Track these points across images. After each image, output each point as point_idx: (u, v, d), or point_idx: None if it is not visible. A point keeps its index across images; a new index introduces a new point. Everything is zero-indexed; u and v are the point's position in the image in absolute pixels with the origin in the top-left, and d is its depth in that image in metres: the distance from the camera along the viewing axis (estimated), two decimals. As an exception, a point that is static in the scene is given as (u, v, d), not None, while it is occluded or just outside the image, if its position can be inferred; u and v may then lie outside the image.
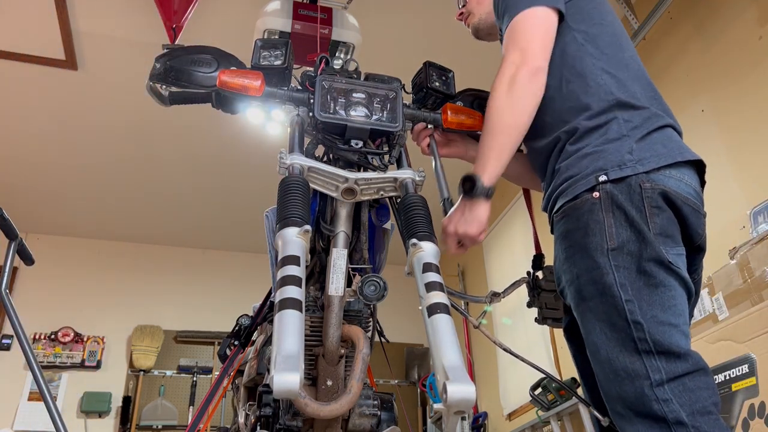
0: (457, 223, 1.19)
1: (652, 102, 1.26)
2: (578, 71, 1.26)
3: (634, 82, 1.26)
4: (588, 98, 1.22)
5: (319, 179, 1.13)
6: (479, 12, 1.53)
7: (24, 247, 2.02)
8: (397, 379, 5.63)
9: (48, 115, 4.10)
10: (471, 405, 0.81)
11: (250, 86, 1.19)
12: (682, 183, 1.16)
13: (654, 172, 1.14)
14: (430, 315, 0.92)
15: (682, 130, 1.30)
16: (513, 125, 1.19)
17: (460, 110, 1.35)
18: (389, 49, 3.58)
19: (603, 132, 1.19)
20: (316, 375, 1.15)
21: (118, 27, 3.45)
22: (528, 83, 1.19)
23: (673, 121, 1.27)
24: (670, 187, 1.14)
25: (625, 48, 1.32)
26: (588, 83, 1.24)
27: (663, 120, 1.23)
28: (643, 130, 1.19)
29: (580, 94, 1.23)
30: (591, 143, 1.19)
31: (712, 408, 1.01)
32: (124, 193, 5.03)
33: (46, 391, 1.74)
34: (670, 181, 1.14)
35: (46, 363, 4.95)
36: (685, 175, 1.18)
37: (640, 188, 1.12)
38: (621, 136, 1.18)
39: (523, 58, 1.21)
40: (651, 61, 3.27)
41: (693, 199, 1.18)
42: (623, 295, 1.07)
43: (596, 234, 1.11)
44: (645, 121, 1.20)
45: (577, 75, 1.25)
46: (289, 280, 0.90)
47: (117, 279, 5.51)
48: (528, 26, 1.24)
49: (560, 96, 1.26)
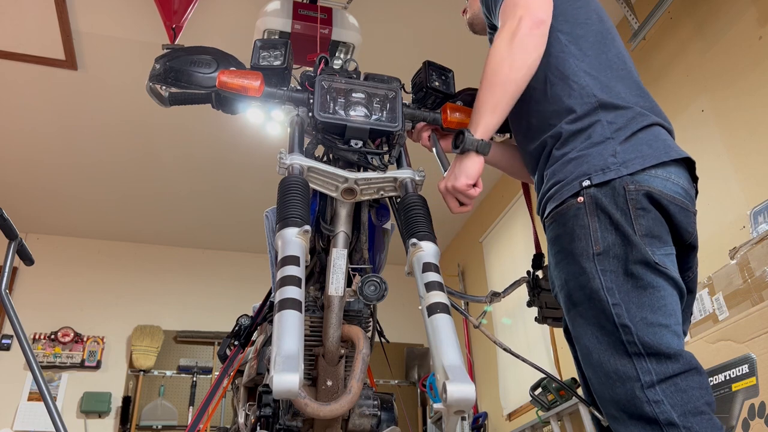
0: (447, 179, 1.21)
1: (638, 100, 1.25)
2: (561, 73, 1.25)
3: (617, 82, 1.25)
4: (571, 101, 1.22)
5: (318, 179, 1.13)
6: (474, 7, 1.54)
7: (24, 247, 2.02)
8: (397, 379, 5.63)
9: (48, 115, 4.10)
10: (471, 405, 0.81)
11: (249, 87, 1.19)
12: (669, 182, 1.15)
13: (639, 173, 1.13)
14: (430, 315, 0.92)
15: (672, 127, 1.29)
16: (511, 79, 1.16)
17: (460, 109, 1.35)
18: (389, 49, 3.58)
19: (587, 136, 1.18)
20: (316, 375, 1.15)
21: (118, 27, 3.45)
22: (529, 34, 1.17)
23: (661, 119, 1.25)
24: (656, 187, 1.13)
25: (609, 48, 1.31)
26: (571, 86, 1.23)
27: (649, 119, 1.21)
28: (627, 131, 1.18)
29: (564, 97, 1.23)
30: (575, 147, 1.18)
31: (704, 408, 1.00)
32: (124, 193, 5.03)
33: (45, 391, 1.74)
34: (655, 181, 1.14)
35: (46, 363, 4.95)
36: (672, 174, 1.17)
37: (624, 190, 1.11)
38: (605, 139, 1.17)
39: (525, 11, 1.18)
40: (651, 61, 3.27)
41: (681, 198, 1.16)
42: (610, 299, 1.07)
43: (582, 239, 1.11)
44: (629, 122, 1.19)
45: (560, 77, 1.24)
46: (288, 280, 0.90)
47: (117, 279, 5.51)
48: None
49: (545, 99, 1.25)
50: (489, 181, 4.98)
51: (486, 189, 5.17)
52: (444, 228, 5.60)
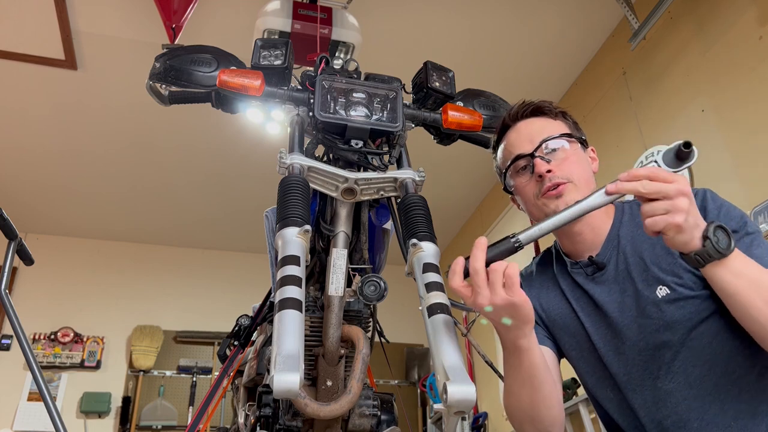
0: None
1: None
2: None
3: None
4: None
5: (318, 179, 1.13)
6: (585, 192, 1.07)
7: (24, 247, 2.02)
8: (397, 380, 5.63)
9: (48, 115, 4.10)
10: (471, 405, 0.81)
11: (249, 86, 1.18)
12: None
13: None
14: (430, 315, 0.92)
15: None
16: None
17: (460, 110, 1.35)
18: (389, 49, 3.58)
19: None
20: (315, 375, 1.15)
21: (118, 27, 3.45)
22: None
23: None
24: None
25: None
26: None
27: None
28: None
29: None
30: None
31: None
32: (124, 194, 5.03)
33: (45, 391, 1.73)
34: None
35: (46, 363, 4.96)
36: None
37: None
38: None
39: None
40: (651, 61, 3.27)
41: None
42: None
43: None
44: None
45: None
46: (289, 280, 0.90)
47: (117, 279, 5.51)
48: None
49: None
50: (489, 181, 4.98)
51: (486, 189, 5.17)
52: (444, 228, 5.60)
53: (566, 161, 1.17)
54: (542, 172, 1.15)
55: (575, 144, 1.21)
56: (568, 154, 1.18)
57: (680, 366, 1.06)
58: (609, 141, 3.56)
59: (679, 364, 1.06)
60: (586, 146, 1.25)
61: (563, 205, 1.11)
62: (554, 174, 1.15)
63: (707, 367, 1.05)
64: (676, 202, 0.87)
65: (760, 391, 1.03)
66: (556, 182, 1.14)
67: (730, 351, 1.04)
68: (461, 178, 4.91)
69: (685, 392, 1.06)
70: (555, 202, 1.14)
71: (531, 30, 3.63)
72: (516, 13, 3.49)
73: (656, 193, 0.88)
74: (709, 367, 1.05)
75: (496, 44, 3.71)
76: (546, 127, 1.21)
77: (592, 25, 3.62)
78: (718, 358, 1.04)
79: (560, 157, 1.18)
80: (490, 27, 3.57)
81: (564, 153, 1.18)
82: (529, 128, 1.22)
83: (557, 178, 1.14)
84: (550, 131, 1.20)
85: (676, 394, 1.06)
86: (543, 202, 1.16)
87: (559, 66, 3.92)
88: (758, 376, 1.04)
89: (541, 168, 1.15)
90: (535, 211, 1.21)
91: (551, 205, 1.14)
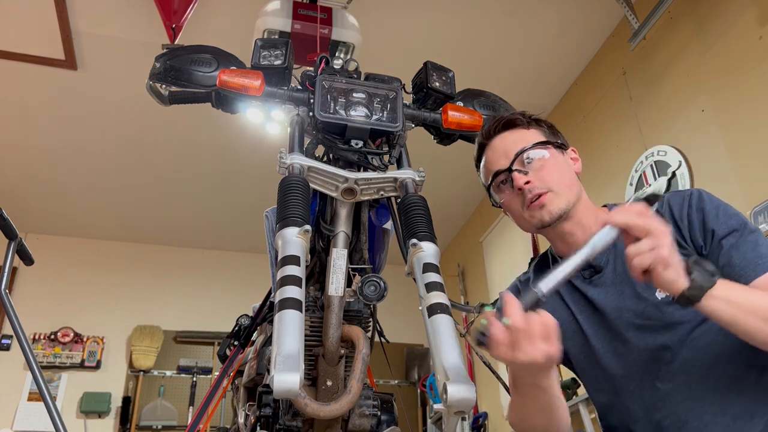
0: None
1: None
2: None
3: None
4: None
5: (318, 179, 1.13)
6: (568, 196, 1.16)
7: (24, 247, 2.02)
8: (397, 380, 5.63)
9: (47, 115, 4.10)
10: (471, 405, 0.81)
11: (250, 86, 1.18)
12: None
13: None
14: (430, 315, 0.92)
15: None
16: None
17: (460, 110, 1.35)
18: (389, 49, 3.58)
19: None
20: (316, 375, 1.15)
21: (118, 27, 3.45)
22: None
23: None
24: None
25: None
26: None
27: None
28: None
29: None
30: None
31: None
32: (124, 194, 5.03)
33: (45, 391, 1.73)
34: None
35: (46, 363, 4.95)
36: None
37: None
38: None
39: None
40: (651, 61, 3.27)
41: None
42: None
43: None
44: None
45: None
46: (289, 280, 0.90)
47: (117, 279, 5.51)
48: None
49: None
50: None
51: (485, 189, 5.16)
52: (444, 228, 5.60)
53: (543, 170, 1.17)
54: (521, 185, 1.16)
55: (551, 149, 1.21)
56: (545, 162, 1.18)
57: (680, 367, 1.07)
58: (609, 141, 3.56)
59: (679, 364, 1.07)
60: (565, 149, 1.25)
61: (547, 215, 1.14)
62: (533, 185, 1.15)
63: (707, 368, 1.05)
64: (662, 239, 0.88)
65: (759, 391, 1.03)
66: (536, 193, 1.15)
67: (730, 352, 1.04)
68: (461, 178, 4.90)
69: (685, 393, 1.06)
70: (540, 213, 1.15)
71: (531, 30, 3.63)
72: (516, 13, 3.49)
73: (643, 230, 0.89)
74: (709, 367, 1.05)
75: (496, 44, 3.71)
76: (521, 139, 1.21)
77: (592, 25, 3.62)
78: (717, 359, 1.05)
79: (537, 166, 1.18)
80: (490, 27, 3.57)
81: (540, 162, 1.18)
82: (504, 143, 1.23)
83: (537, 188, 1.15)
84: (524, 142, 1.20)
85: (675, 395, 1.07)
86: (529, 214, 1.17)
87: (559, 66, 3.92)
88: (757, 377, 1.04)
89: (519, 181, 1.16)
90: (524, 224, 1.22)
91: (537, 216, 1.16)
